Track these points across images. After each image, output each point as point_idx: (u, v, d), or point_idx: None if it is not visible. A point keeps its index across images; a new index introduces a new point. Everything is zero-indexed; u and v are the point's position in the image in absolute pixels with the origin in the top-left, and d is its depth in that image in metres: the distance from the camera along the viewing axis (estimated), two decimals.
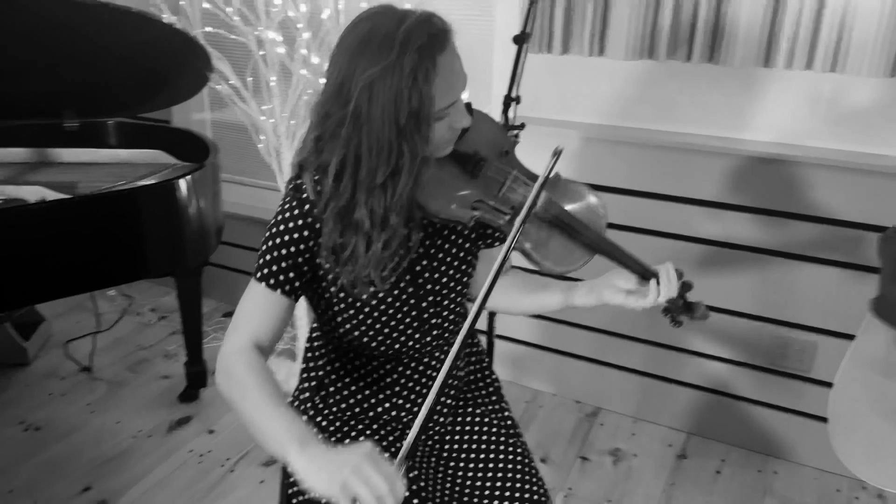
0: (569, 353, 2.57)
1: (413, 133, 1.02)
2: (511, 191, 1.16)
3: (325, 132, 1.07)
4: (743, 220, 2.15)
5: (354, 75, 1.01)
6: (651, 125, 2.21)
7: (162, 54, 2.16)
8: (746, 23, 1.94)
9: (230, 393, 1.09)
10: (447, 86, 1.04)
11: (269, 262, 1.14)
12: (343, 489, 0.90)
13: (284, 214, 1.14)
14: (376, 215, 1.07)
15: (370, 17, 1.04)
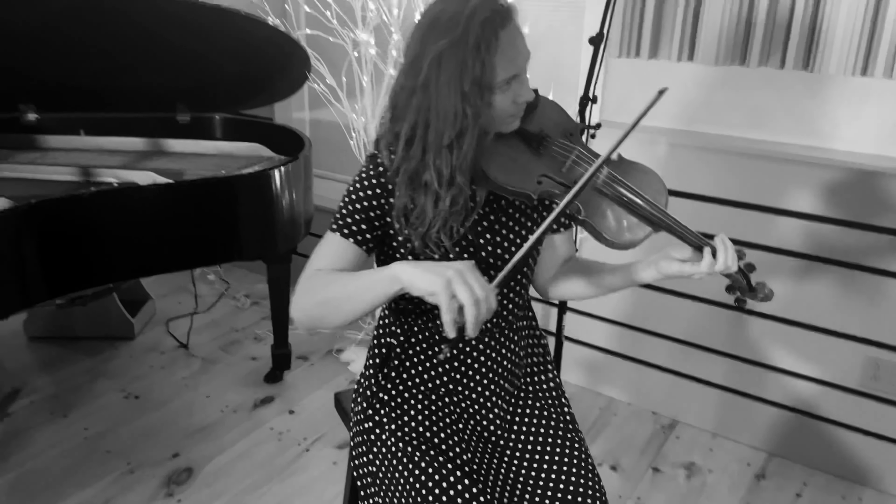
0: (646, 363, 2.53)
1: (476, 99, 1.11)
2: (574, 166, 1.21)
3: (398, 102, 1.18)
4: (836, 232, 2.07)
5: (426, 50, 1.11)
6: (741, 132, 2.17)
7: (267, 55, 2.32)
8: (843, 29, 1.88)
9: (314, 296, 1.17)
10: (508, 58, 1.12)
11: (345, 216, 1.23)
12: (446, 285, 1.00)
13: (360, 176, 1.24)
14: (443, 175, 1.15)
15: (441, 1, 1.15)
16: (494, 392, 1.36)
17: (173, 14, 2.19)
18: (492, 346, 1.34)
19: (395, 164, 1.19)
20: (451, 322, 1.01)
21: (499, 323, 1.34)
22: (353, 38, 2.30)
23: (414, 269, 1.06)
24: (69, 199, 1.92)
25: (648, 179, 1.23)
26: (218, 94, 2.58)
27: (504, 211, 1.29)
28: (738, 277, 1.25)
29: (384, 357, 1.38)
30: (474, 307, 1.00)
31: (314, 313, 1.18)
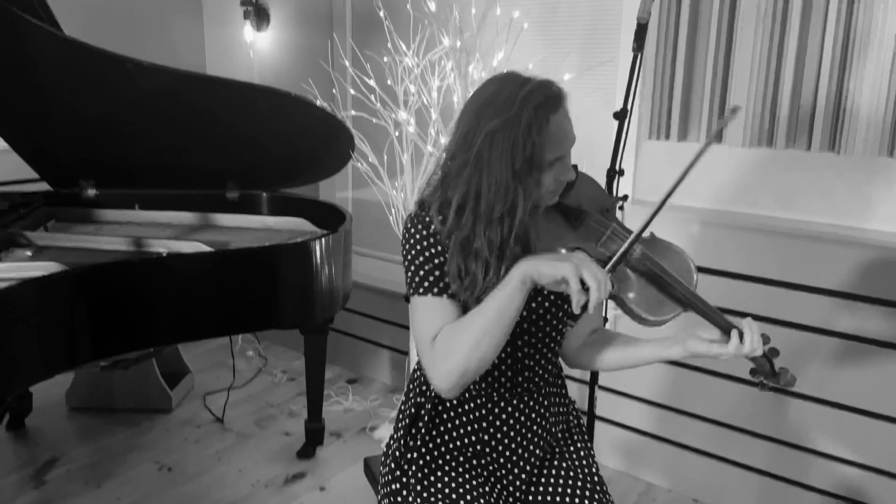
0: (686, 446, 2.47)
1: (526, 176, 1.18)
2: (609, 242, 1.26)
3: (450, 172, 1.25)
4: (876, 312, 2.05)
5: (479, 126, 1.19)
6: (772, 212, 2.20)
7: (315, 135, 2.47)
8: (867, 111, 1.94)
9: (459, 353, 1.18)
10: (556, 141, 1.19)
11: (423, 277, 1.25)
12: (575, 270, 1.11)
13: (414, 235, 1.27)
14: (493, 245, 1.21)
15: (497, 81, 1.23)
16: (522, 456, 1.36)
17: (231, 97, 2.37)
18: (521, 409, 1.35)
19: (446, 229, 1.23)
20: (578, 301, 1.10)
21: (528, 387, 1.36)
22: (395, 119, 2.44)
23: (538, 262, 1.14)
24: (119, 265, 2.02)
25: (679, 260, 1.28)
26: (267, 174, 2.73)
27: None
28: (762, 361, 1.27)
29: (413, 417, 1.40)
30: (598, 289, 1.10)
31: (470, 366, 1.18)
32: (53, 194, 2.72)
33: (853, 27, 1.92)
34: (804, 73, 2.02)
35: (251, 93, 2.36)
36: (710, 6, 2.12)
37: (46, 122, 2.47)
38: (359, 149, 2.54)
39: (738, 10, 2.08)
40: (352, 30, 2.95)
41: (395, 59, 2.44)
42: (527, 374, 1.34)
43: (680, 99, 2.21)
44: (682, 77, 2.20)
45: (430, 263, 1.25)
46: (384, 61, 2.47)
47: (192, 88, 2.36)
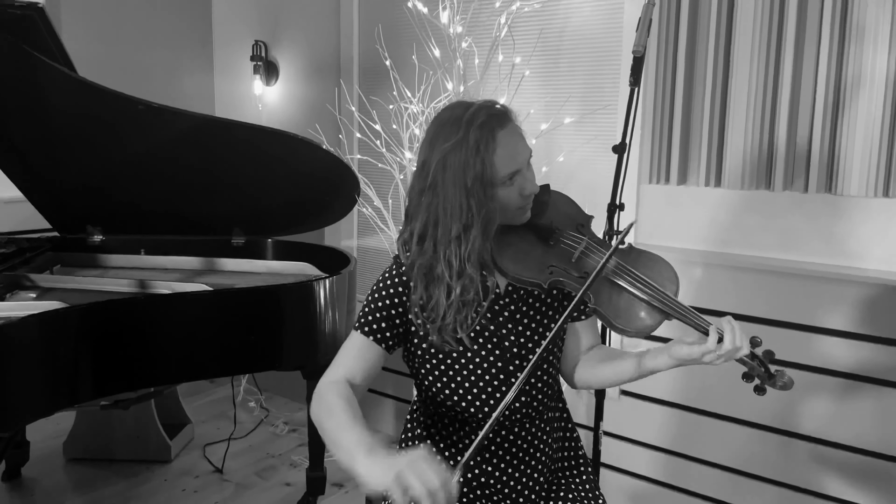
0: (693, 493, 2.43)
1: (479, 194, 1.22)
2: (583, 257, 1.29)
3: (411, 203, 1.30)
4: (876, 350, 2.05)
5: (433, 153, 1.24)
6: (773, 254, 2.23)
7: (321, 179, 2.52)
8: (861, 152, 1.99)
9: (319, 413, 1.23)
10: (508, 155, 1.23)
11: (366, 314, 1.31)
12: (396, 479, 0.99)
13: (384, 276, 1.34)
14: (453, 267, 1.24)
15: (445, 110, 1.30)
16: (526, 485, 1.35)
17: (240, 140, 2.42)
18: (521, 436, 1.35)
19: (410, 260, 1.28)
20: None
21: (528, 412, 1.35)
22: (399, 162, 2.49)
23: (371, 465, 1.05)
24: (121, 302, 2.02)
25: (658, 268, 1.28)
26: (273, 219, 2.76)
27: (524, 300, 1.35)
28: (754, 364, 1.25)
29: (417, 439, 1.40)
30: (429, 499, 0.98)
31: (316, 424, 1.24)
32: (60, 239, 2.75)
33: (844, 70, 1.99)
34: (798, 115, 2.08)
35: (260, 135, 2.42)
36: (706, 51, 2.20)
37: (60, 168, 2.52)
38: (364, 193, 2.58)
39: (732, 55, 2.16)
40: (359, 79, 3.04)
41: (401, 107, 2.51)
42: (525, 399, 1.34)
43: (679, 143, 2.27)
44: (680, 122, 2.26)
45: (378, 304, 1.30)
46: (390, 108, 2.54)
47: (202, 131, 2.41)
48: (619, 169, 1.73)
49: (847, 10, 1.97)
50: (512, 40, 2.46)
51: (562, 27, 2.50)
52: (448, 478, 1.01)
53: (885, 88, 1.94)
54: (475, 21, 2.48)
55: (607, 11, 2.43)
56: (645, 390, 2.47)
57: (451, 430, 1.37)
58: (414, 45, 2.57)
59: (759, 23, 2.10)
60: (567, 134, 2.45)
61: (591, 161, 2.49)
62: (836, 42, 1.99)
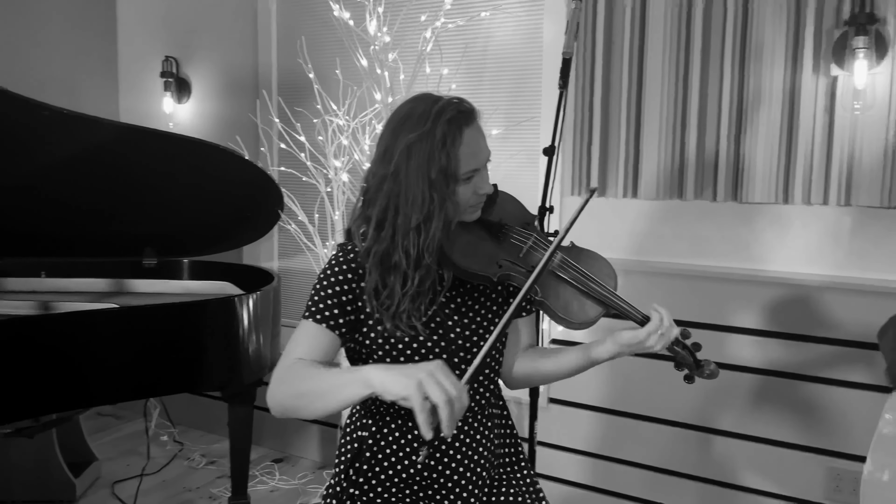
0: (621, 495, 2.50)
1: (442, 186, 1.24)
2: (531, 252, 1.33)
3: (370, 188, 1.29)
4: (784, 346, 2.21)
5: (397, 142, 1.25)
6: (686, 260, 2.36)
7: (242, 193, 2.44)
8: (763, 163, 2.16)
9: (291, 384, 1.19)
10: (471, 153, 1.26)
11: (317, 302, 1.28)
12: (418, 387, 1.03)
13: (331, 262, 1.31)
14: (411, 256, 1.25)
15: (412, 100, 1.30)
16: (471, 480, 1.35)
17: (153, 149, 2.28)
18: (465, 431, 1.35)
19: (366, 246, 1.27)
20: (427, 423, 1.02)
21: (472, 407, 1.36)
22: (326, 175, 2.47)
23: (386, 372, 1.08)
24: (22, 320, 1.88)
25: (599, 264, 1.37)
26: (190, 238, 2.65)
27: (470, 294, 1.37)
28: (683, 354, 1.34)
29: (356, 451, 1.38)
30: (447, 406, 1.02)
31: (289, 404, 1.20)
32: None
33: (746, 86, 2.16)
34: (706, 129, 2.23)
35: (174, 145, 2.29)
36: (620, 70, 2.33)
37: None
38: (287, 208, 2.53)
39: (644, 74, 2.30)
40: (280, 92, 2.99)
41: (326, 120, 2.49)
42: (469, 393, 1.34)
43: (598, 157, 2.38)
44: (598, 137, 2.38)
45: (329, 290, 1.28)
46: (315, 121, 2.52)
47: (112, 139, 2.24)
48: (549, 172, 1.79)
49: (746, 30, 2.14)
50: (440, 54, 2.51)
51: (485, 44, 2.58)
52: (462, 389, 1.05)
53: (781, 103, 2.12)
54: (401, 35, 2.51)
55: (527, 30, 2.53)
56: (572, 396, 2.54)
57: (394, 426, 1.36)
58: (337, 59, 2.57)
59: (667, 43, 2.25)
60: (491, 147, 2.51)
61: (514, 175, 2.56)
62: (738, 60, 2.16)
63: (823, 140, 2.08)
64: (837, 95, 2.04)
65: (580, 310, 1.30)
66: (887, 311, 1.97)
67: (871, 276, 2.09)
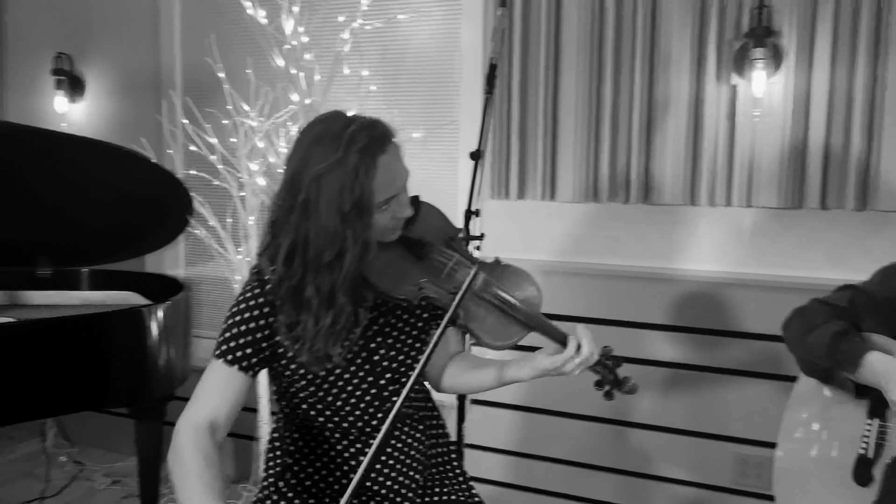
0: (542, 491, 2.55)
1: (356, 220, 1.16)
2: (454, 272, 1.29)
3: (278, 218, 1.21)
4: (693, 341, 2.32)
5: (305, 169, 1.16)
6: (601, 260, 2.44)
7: (147, 197, 2.30)
8: (672, 166, 2.26)
9: (175, 470, 1.14)
10: (387, 181, 1.19)
11: (228, 339, 1.21)
12: None
13: (245, 295, 1.24)
14: (323, 293, 1.18)
15: (321, 121, 1.22)
16: (404, 484, 1.34)
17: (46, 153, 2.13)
18: (398, 437, 1.34)
19: (276, 280, 1.20)
20: None
21: (401, 425, 1.35)
22: (239, 179, 2.38)
23: None
24: None
25: (524, 283, 1.33)
26: (90, 246, 2.48)
27: (392, 313, 1.33)
28: (605, 372, 1.36)
29: (286, 465, 1.34)
30: None
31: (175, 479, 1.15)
32: None
33: (655, 93, 2.26)
34: (618, 134, 2.31)
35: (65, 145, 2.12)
36: (537, 79, 2.37)
37: None
38: (197, 213, 2.42)
39: (559, 81, 2.35)
40: (188, 92, 2.85)
41: (237, 121, 2.41)
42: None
43: (517, 162, 2.42)
44: (517, 142, 2.42)
45: (242, 327, 1.21)
46: (224, 123, 2.43)
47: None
48: (475, 175, 1.80)
49: (654, 40, 2.24)
50: (359, 55, 2.47)
51: (403, 47, 2.57)
52: None
53: (687, 110, 2.23)
54: (318, 35, 2.46)
55: (445, 34, 2.54)
56: (493, 397, 2.56)
57: (321, 451, 1.32)
58: (249, 58, 2.48)
59: (581, 51, 2.31)
60: (409, 152, 2.50)
61: (433, 180, 2.56)
62: (647, 68, 2.25)
63: (726, 145, 2.20)
64: (738, 103, 2.17)
65: (502, 333, 1.27)
66: (786, 304, 2.10)
67: (771, 272, 2.23)
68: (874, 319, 1.46)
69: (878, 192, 2.05)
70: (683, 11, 2.19)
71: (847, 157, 2.07)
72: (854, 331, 1.43)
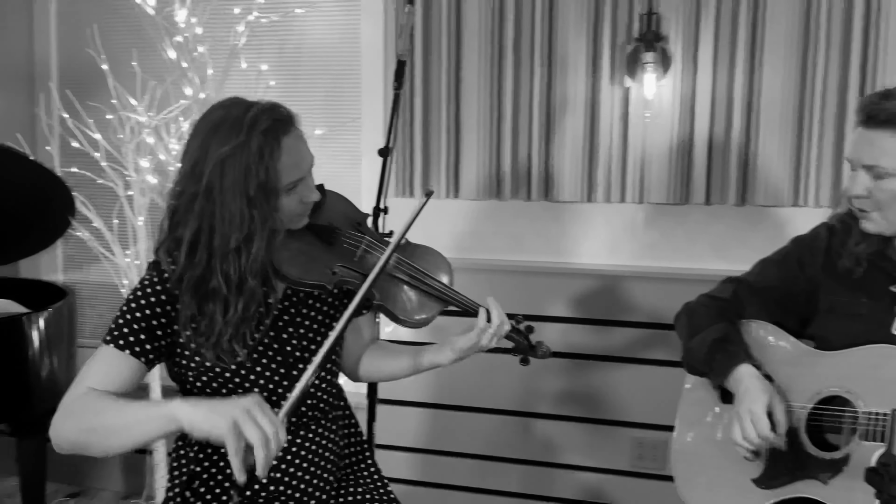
0: (450, 486, 2.57)
1: (262, 203, 1.16)
2: (366, 255, 1.32)
3: (179, 207, 1.19)
4: (592, 332, 2.41)
5: (207, 155, 1.15)
6: (504, 256, 2.49)
7: (23, 196, 2.14)
8: (570, 164, 2.34)
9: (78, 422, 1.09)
10: (292, 163, 1.19)
11: (121, 326, 1.17)
12: (233, 427, 0.97)
13: (143, 283, 1.20)
14: (231, 281, 1.16)
15: (221, 107, 1.21)
16: (317, 486, 1.33)
17: None
18: (310, 437, 1.33)
19: (177, 272, 1.17)
20: (240, 466, 0.98)
21: (314, 414, 1.34)
22: (126, 177, 2.25)
23: (194, 409, 1.03)
24: None
25: (434, 260, 1.39)
26: None
27: (304, 303, 1.33)
28: (519, 339, 1.43)
29: (192, 473, 1.29)
30: (264, 447, 0.98)
31: (77, 440, 1.10)
32: None
33: (553, 96, 2.33)
34: (519, 134, 2.37)
35: None
36: (439, 75, 2.39)
37: None
38: (79, 213, 2.26)
39: (461, 82, 2.38)
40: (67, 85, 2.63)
41: (122, 117, 2.26)
42: (311, 401, 1.32)
43: (420, 160, 2.43)
44: (420, 140, 2.42)
45: (138, 314, 1.18)
46: (109, 118, 2.28)
47: None
48: (383, 172, 1.80)
49: (552, 42, 2.31)
50: (257, 49, 2.39)
51: (300, 42, 2.51)
52: (280, 425, 1.00)
53: (584, 110, 2.31)
54: (212, 27, 2.35)
55: (344, 30, 2.50)
56: (399, 395, 2.56)
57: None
58: (134, 50, 2.33)
59: (482, 51, 2.34)
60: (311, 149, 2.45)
61: (336, 177, 2.51)
62: (546, 70, 2.32)
63: (620, 145, 2.31)
64: (631, 104, 2.27)
65: (419, 309, 1.32)
66: (677, 293, 2.22)
67: (662, 265, 2.36)
68: (755, 307, 1.58)
69: (756, 188, 2.22)
70: (579, 15, 2.27)
71: (728, 156, 2.22)
72: (734, 335, 1.53)
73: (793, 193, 2.19)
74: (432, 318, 1.33)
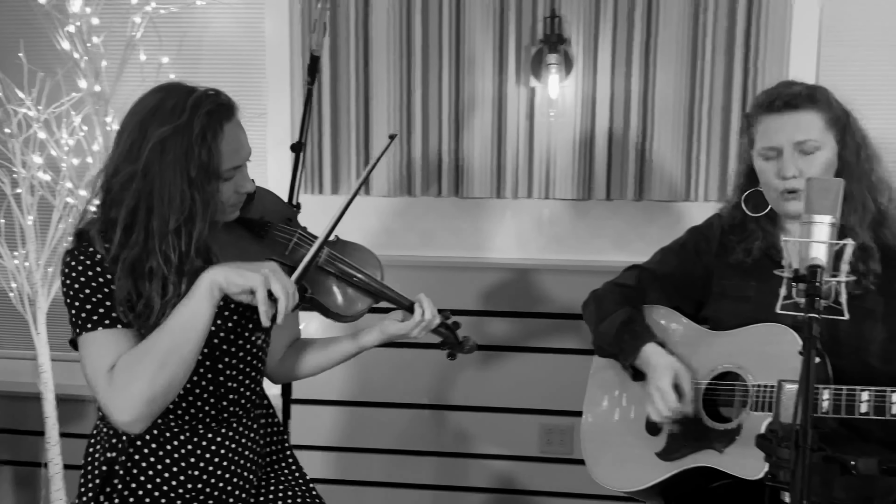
0: (365, 482, 2.58)
1: (203, 184, 1.17)
2: (296, 249, 1.34)
3: (113, 186, 1.17)
4: (502, 323, 2.49)
5: (146, 135, 1.15)
6: (416, 252, 2.52)
7: None
8: (479, 160, 2.40)
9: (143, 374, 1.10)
10: (232, 150, 1.21)
11: (90, 311, 1.15)
12: (264, 281, 1.11)
13: (76, 268, 1.17)
14: (172, 261, 1.16)
15: (161, 90, 1.21)
16: (238, 485, 1.33)
17: None
18: (230, 437, 1.32)
19: (112, 252, 1.16)
20: (267, 313, 1.11)
21: (235, 411, 1.33)
22: (13, 174, 2.11)
23: (227, 270, 1.12)
24: None
25: (365, 256, 1.44)
26: None
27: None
28: (447, 334, 1.50)
29: (105, 476, 1.26)
30: (286, 299, 1.12)
31: (156, 391, 1.10)
32: None
33: (462, 94, 2.37)
34: (429, 132, 2.40)
35: None
36: (347, 71, 2.38)
37: None
38: None
39: (370, 79, 2.38)
40: None
41: (9, 110, 2.12)
42: (232, 397, 1.32)
43: (329, 156, 2.41)
44: (329, 137, 2.41)
45: (96, 296, 1.16)
46: None
47: None
48: (296, 168, 1.78)
49: (459, 42, 2.34)
50: (157, 41, 2.29)
51: (201, 34, 2.42)
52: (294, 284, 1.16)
53: (492, 109, 2.37)
54: (107, 18, 2.22)
55: (247, 24, 2.44)
56: (312, 394, 2.54)
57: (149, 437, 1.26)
58: (21, 40, 2.18)
59: (390, 48, 2.35)
60: None
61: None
62: (454, 69, 2.36)
63: (526, 142, 2.38)
64: (536, 104, 2.35)
65: (351, 303, 1.35)
66: (581, 284, 2.32)
67: (567, 258, 2.46)
68: (657, 293, 1.70)
69: (652, 184, 2.35)
70: (485, 16, 2.32)
71: (626, 154, 2.35)
72: (639, 317, 1.64)
73: (685, 188, 2.34)
74: (364, 311, 1.36)
